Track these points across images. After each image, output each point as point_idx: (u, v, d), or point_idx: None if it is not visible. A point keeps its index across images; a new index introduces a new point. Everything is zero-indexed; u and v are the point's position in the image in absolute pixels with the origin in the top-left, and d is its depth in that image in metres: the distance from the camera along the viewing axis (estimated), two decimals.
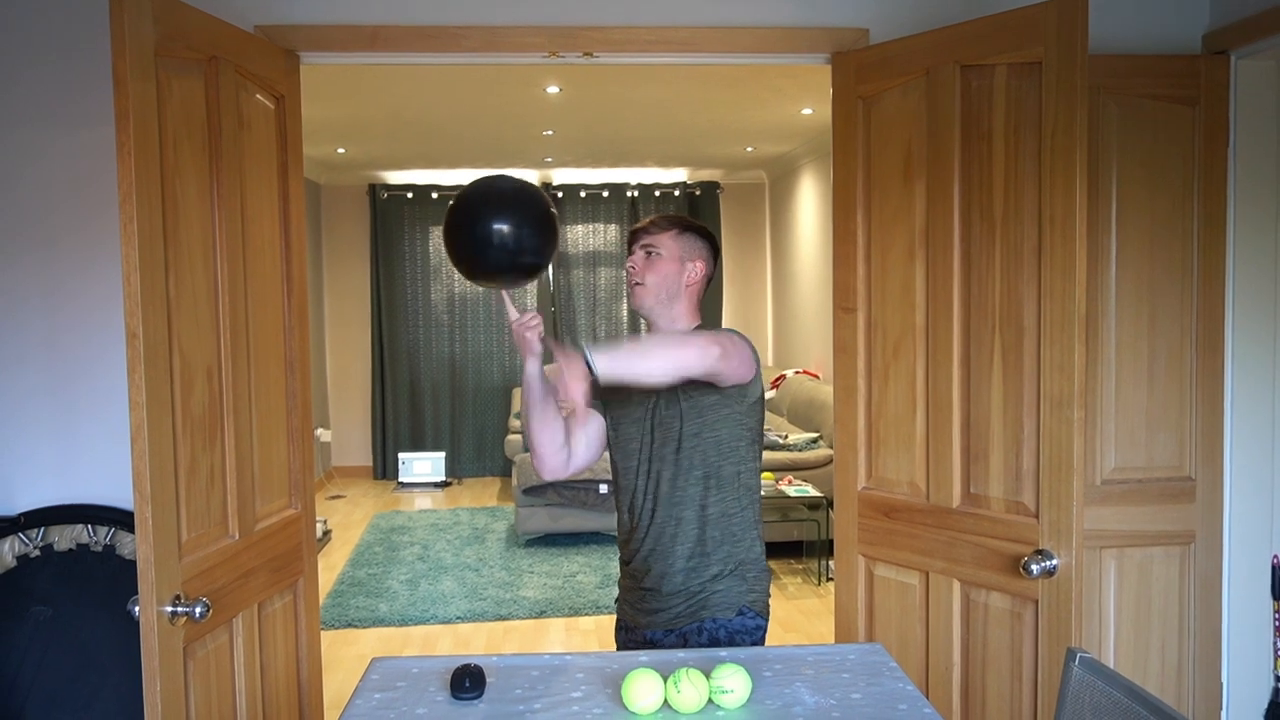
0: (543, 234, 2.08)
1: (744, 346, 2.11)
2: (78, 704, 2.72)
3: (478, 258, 2.07)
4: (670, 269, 2.21)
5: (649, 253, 2.23)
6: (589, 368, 1.82)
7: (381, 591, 5.84)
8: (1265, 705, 3.08)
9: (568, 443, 2.25)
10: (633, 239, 2.27)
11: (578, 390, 1.80)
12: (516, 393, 9.29)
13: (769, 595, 2.27)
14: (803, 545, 6.32)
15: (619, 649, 2.33)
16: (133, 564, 2.73)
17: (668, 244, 2.22)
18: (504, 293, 2.23)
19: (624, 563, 2.30)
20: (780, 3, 2.95)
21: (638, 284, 2.23)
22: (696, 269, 2.24)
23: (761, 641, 2.21)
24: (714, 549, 2.17)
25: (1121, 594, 3.00)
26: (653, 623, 2.22)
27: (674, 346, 1.97)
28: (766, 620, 2.24)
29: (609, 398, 2.27)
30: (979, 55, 2.54)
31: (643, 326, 2.32)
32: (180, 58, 2.22)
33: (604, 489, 6.48)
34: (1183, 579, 3.03)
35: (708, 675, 1.77)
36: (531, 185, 2.12)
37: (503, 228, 2.03)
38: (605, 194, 9.51)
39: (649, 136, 7.45)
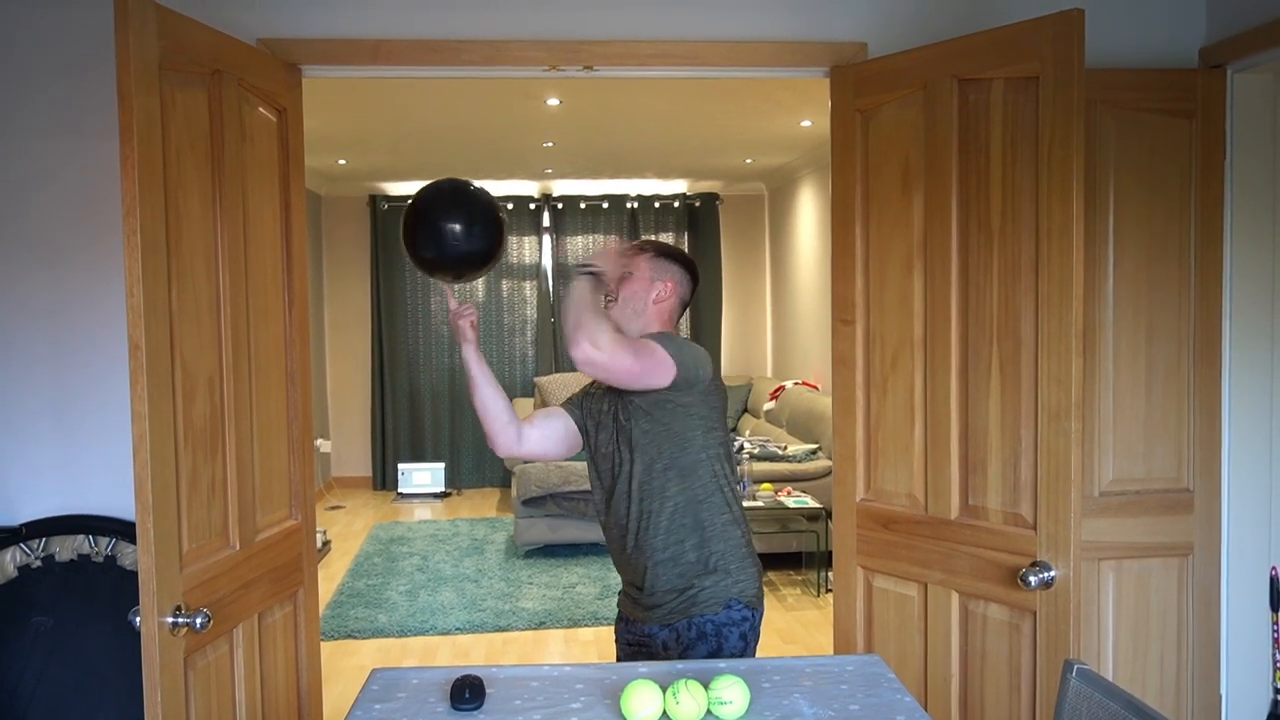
0: (484, 233, 2.28)
1: (662, 356, 2.22)
2: (79, 714, 2.72)
3: (424, 253, 2.27)
4: (639, 287, 2.39)
5: (626, 272, 2.41)
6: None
7: (381, 602, 5.83)
8: (1264, 717, 3.08)
9: (515, 424, 2.38)
10: None
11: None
12: (516, 404, 9.30)
13: (758, 583, 2.33)
14: (802, 556, 6.32)
15: (617, 640, 2.46)
16: (134, 574, 2.74)
17: (641, 265, 2.40)
18: (446, 286, 2.42)
19: (616, 563, 2.43)
20: (780, 17, 2.97)
21: (611, 300, 2.41)
22: (665, 288, 2.40)
23: (752, 631, 2.29)
24: (685, 535, 2.27)
25: (1120, 606, 3.01)
26: (648, 618, 2.33)
27: (576, 326, 2.15)
28: (756, 610, 2.30)
29: (588, 406, 2.42)
30: (976, 69, 2.56)
31: None
32: (184, 71, 2.24)
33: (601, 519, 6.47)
34: (1181, 591, 3.04)
35: (706, 686, 1.78)
36: (475, 189, 2.32)
37: (454, 226, 2.24)
38: (605, 205, 9.53)
39: (649, 148, 7.48)
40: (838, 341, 2.96)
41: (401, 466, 9.13)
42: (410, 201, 2.29)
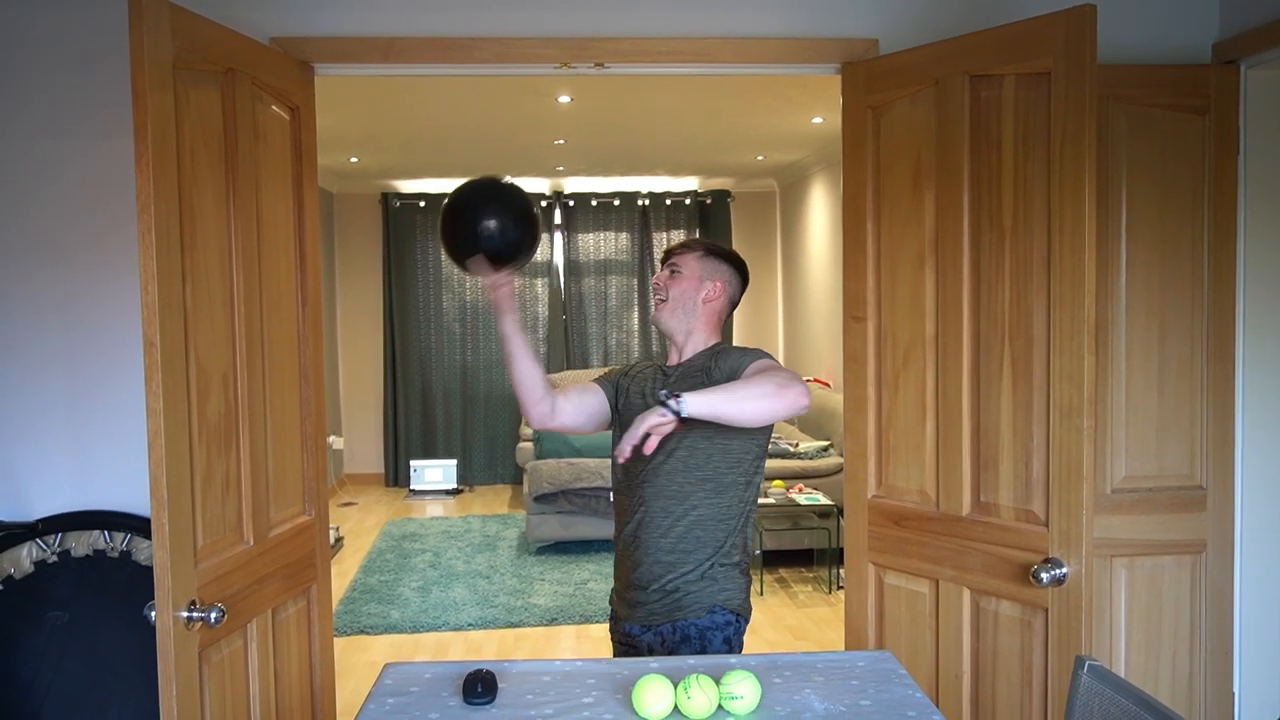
0: (520, 225, 2.25)
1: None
2: (94, 708, 2.74)
3: (463, 244, 2.25)
4: (688, 285, 2.35)
5: (673, 271, 2.37)
6: (674, 413, 1.94)
7: (393, 598, 5.86)
8: (1277, 716, 3.07)
9: (550, 396, 2.36)
10: (664, 260, 2.42)
11: (657, 431, 1.94)
12: None
13: (745, 593, 2.31)
14: (813, 553, 6.32)
15: (611, 638, 2.44)
16: (149, 570, 2.76)
17: (690, 263, 2.36)
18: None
19: (615, 549, 2.41)
20: (791, 13, 2.97)
21: (661, 299, 2.37)
22: (715, 288, 2.36)
23: (735, 637, 2.28)
24: (695, 548, 2.25)
25: (1132, 603, 3.00)
26: (632, 616, 2.32)
27: (770, 396, 2.03)
28: (739, 618, 2.29)
29: (625, 385, 2.41)
30: (988, 65, 2.56)
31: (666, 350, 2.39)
32: (197, 70, 2.26)
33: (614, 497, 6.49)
34: (1194, 588, 3.03)
35: (718, 681, 1.78)
36: (508, 185, 2.30)
37: (489, 223, 2.22)
38: (616, 202, 9.53)
39: (660, 145, 7.48)
40: (849, 339, 2.96)
41: (414, 463, 9.16)
42: (446, 202, 2.28)
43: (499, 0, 2.91)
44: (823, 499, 5.91)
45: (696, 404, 1.97)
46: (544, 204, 9.50)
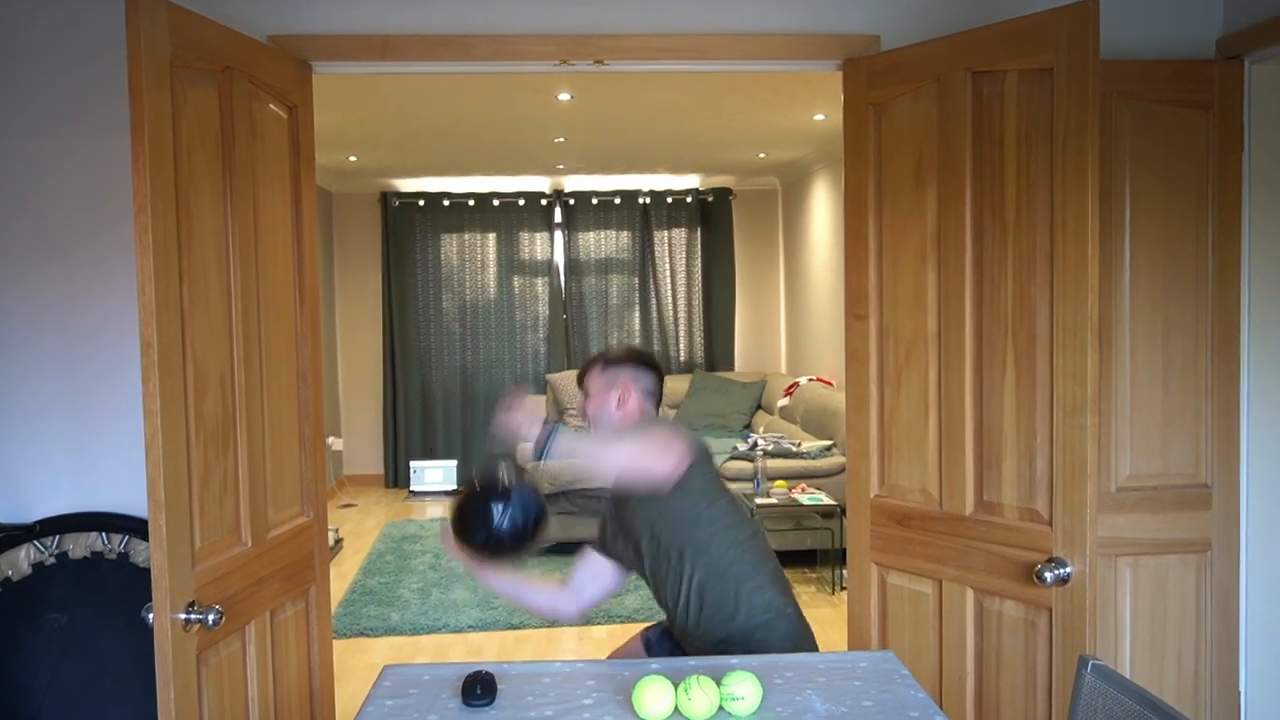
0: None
1: (675, 449, 2.19)
2: (92, 710, 2.73)
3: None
4: (599, 401, 2.44)
5: (586, 395, 2.46)
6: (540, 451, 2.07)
7: (393, 600, 5.84)
8: None
9: (566, 592, 2.51)
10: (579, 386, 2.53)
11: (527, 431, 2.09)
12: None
13: (791, 641, 2.30)
14: (816, 554, 6.30)
15: (654, 629, 2.54)
16: (146, 571, 2.74)
17: (595, 381, 2.45)
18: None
19: None
20: (792, 10, 2.96)
21: (584, 425, 2.47)
22: (623, 391, 2.42)
23: None
24: (714, 610, 2.28)
25: (1137, 603, 2.99)
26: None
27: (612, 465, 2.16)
28: None
29: (609, 524, 2.52)
30: (990, 61, 2.54)
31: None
32: (194, 68, 2.24)
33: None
34: (1199, 588, 3.01)
35: (718, 682, 1.77)
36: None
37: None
38: (617, 201, 9.52)
39: (661, 142, 7.46)
40: (851, 336, 2.94)
41: (413, 464, 9.14)
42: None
43: None
44: (825, 499, 5.90)
45: (554, 460, 2.07)
46: (544, 202, 9.48)
